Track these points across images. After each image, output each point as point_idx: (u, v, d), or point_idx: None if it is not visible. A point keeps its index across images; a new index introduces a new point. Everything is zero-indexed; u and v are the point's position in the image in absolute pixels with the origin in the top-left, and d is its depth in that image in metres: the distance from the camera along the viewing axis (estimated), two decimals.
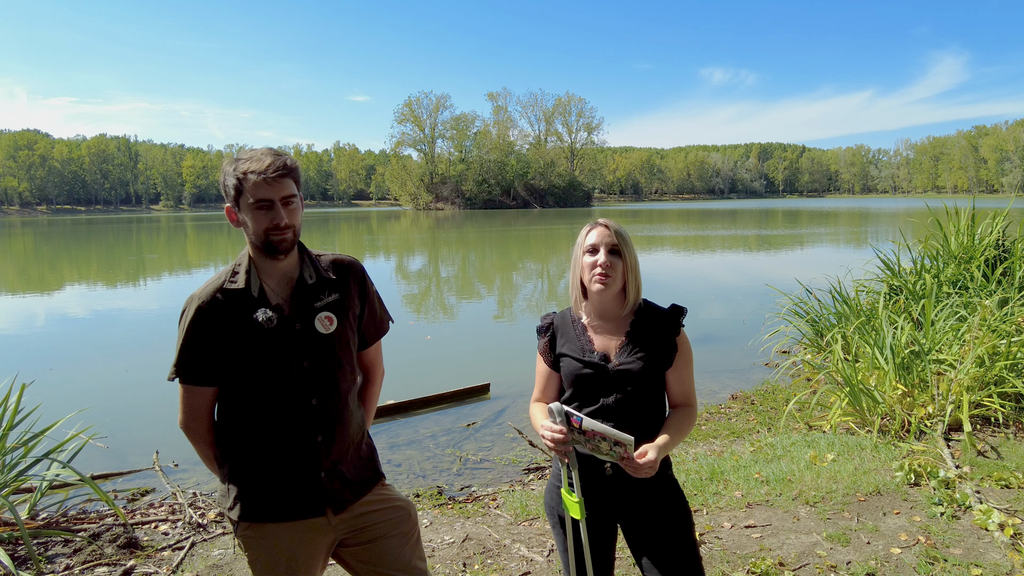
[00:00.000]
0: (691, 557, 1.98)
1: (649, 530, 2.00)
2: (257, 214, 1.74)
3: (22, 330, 11.56)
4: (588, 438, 1.84)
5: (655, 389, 2.01)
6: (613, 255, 1.97)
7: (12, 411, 4.18)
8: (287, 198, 1.75)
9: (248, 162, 1.73)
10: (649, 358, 1.96)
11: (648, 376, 1.96)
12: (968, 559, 3.24)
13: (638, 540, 2.03)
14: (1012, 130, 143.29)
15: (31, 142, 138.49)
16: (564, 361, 2.05)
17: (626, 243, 2.00)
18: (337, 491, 1.88)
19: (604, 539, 2.06)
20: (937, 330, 5.97)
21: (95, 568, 3.53)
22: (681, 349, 2.01)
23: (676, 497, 2.04)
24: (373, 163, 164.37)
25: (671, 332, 2.00)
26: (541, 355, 2.13)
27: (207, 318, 1.79)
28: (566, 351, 2.05)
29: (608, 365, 1.97)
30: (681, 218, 57.10)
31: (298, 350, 1.82)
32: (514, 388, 7.26)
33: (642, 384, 1.96)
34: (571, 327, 2.08)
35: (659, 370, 1.99)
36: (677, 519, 2.00)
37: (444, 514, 4.16)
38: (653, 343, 1.98)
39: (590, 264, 1.98)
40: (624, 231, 2.02)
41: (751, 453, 4.91)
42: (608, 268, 1.95)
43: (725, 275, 17.72)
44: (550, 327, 2.12)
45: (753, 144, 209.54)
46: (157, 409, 6.61)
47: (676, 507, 2.02)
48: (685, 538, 2.00)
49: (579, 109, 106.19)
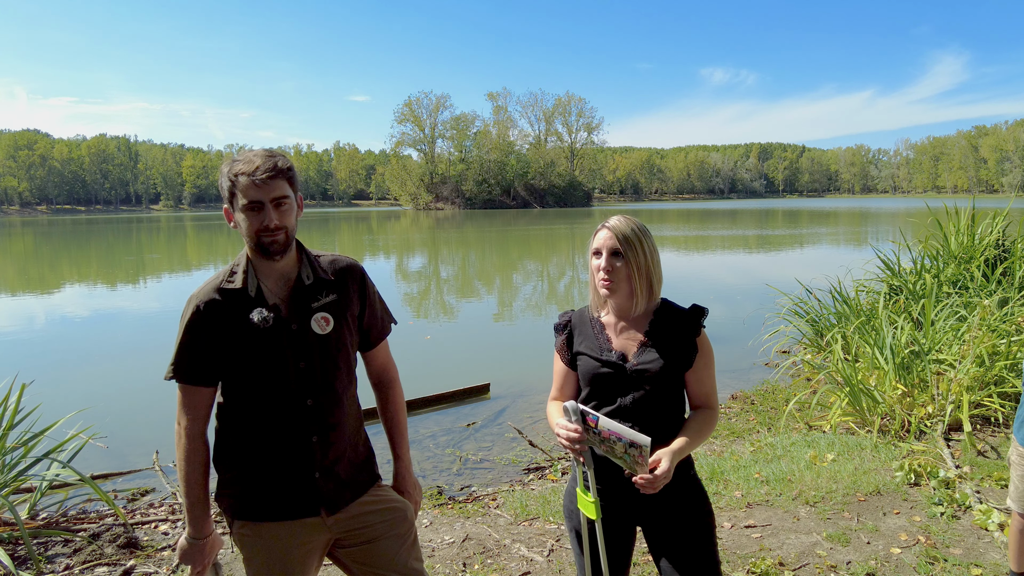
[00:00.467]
0: (710, 562, 1.95)
1: (669, 532, 1.96)
2: (248, 215, 1.75)
3: (22, 330, 11.56)
4: (603, 439, 1.82)
5: (674, 390, 1.97)
6: (615, 257, 1.93)
7: (12, 411, 4.18)
8: (278, 199, 1.75)
9: (240, 164, 1.75)
10: (668, 358, 1.92)
11: (667, 377, 1.92)
12: (968, 559, 3.24)
13: (658, 542, 1.99)
14: (1012, 130, 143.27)
15: (31, 142, 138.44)
16: (581, 360, 2.02)
17: (631, 244, 1.92)
18: (331, 491, 1.88)
19: (621, 541, 2.03)
20: (937, 330, 5.97)
21: (95, 568, 3.52)
22: (702, 350, 1.96)
23: (698, 498, 1.99)
24: (373, 163, 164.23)
25: (691, 333, 1.95)
26: (558, 353, 2.09)
27: (205, 318, 1.79)
28: (583, 349, 2.02)
29: (626, 365, 1.94)
30: (681, 218, 57.09)
31: (294, 350, 1.82)
32: (514, 388, 7.26)
33: (660, 385, 1.93)
34: (589, 325, 2.05)
35: (678, 371, 1.95)
36: (698, 522, 1.96)
37: (444, 514, 4.16)
38: (672, 343, 1.94)
39: (595, 268, 1.96)
40: (634, 231, 1.94)
41: (751, 453, 4.91)
42: (610, 272, 1.92)
43: (725, 275, 17.71)
44: (568, 325, 2.09)
45: (753, 144, 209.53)
46: (157, 409, 6.60)
47: (698, 509, 1.97)
48: (706, 541, 1.95)
49: (579, 109, 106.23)
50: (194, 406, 1.84)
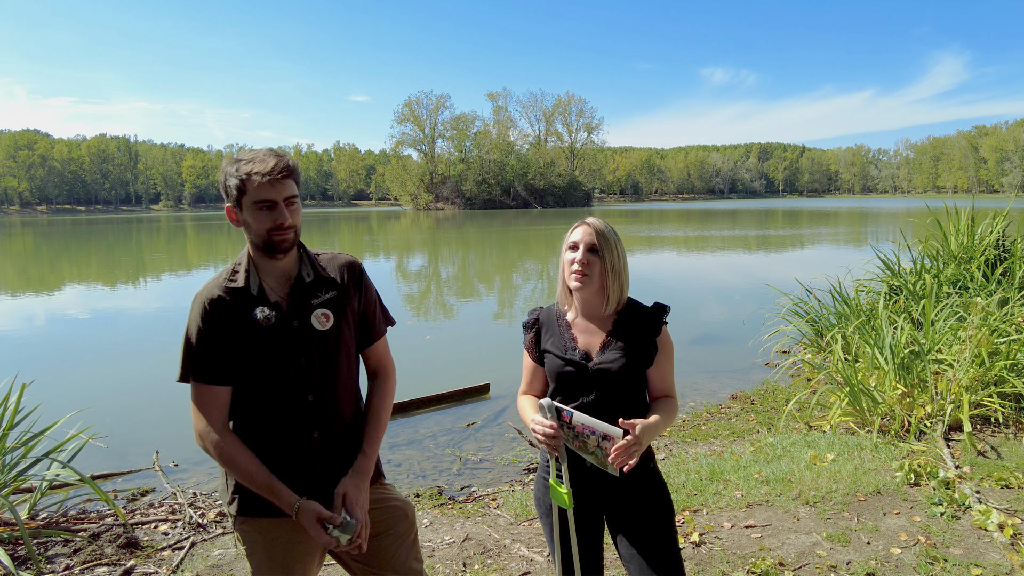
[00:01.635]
0: (670, 551, 2.00)
1: (629, 522, 2.02)
2: (260, 214, 1.76)
3: (22, 330, 11.56)
4: (577, 433, 1.89)
5: (635, 387, 2.02)
6: (592, 253, 1.98)
7: (12, 411, 4.18)
8: (289, 199, 1.79)
9: (252, 163, 1.75)
10: (629, 357, 1.97)
11: (628, 375, 1.98)
12: (968, 559, 3.24)
13: (618, 532, 2.06)
14: (1012, 130, 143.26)
15: (31, 142, 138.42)
16: (548, 357, 2.08)
17: (608, 243, 1.99)
18: (333, 488, 1.88)
19: (592, 530, 2.09)
20: (937, 330, 5.97)
21: (95, 568, 3.53)
22: (662, 348, 2.02)
23: (658, 490, 2.05)
24: (373, 163, 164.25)
25: (652, 332, 2.00)
26: (527, 350, 2.16)
27: (212, 316, 1.80)
28: (550, 347, 2.08)
29: (588, 364, 1.99)
30: (681, 218, 57.09)
31: (295, 347, 1.83)
32: (514, 388, 7.20)
33: (622, 383, 1.98)
34: (555, 323, 2.11)
35: (639, 369, 2.00)
36: (658, 512, 2.02)
37: (444, 514, 4.16)
38: (634, 342, 1.99)
39: (569, 261, 2.01)
40: (610, 231, 2.02)
41: (751, 453, 4.91)
42: (585, 266, 1.97)
43: (725, 275, 17.71)
44: (536, 323, 2.15)
45: (753, 144, 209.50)
46: (157, 409, 6.60)
47: (657, 499, 2.03)
48: (665, 531, 2.01)
49: (579, 109, 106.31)
50: (212, 406, 1.81)
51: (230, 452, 1.79)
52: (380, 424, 1.98)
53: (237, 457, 1.79)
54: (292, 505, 1.79)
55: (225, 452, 1.79)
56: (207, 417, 1.80)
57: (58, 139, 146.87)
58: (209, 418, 1.80)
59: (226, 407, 1.83)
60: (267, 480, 1.79)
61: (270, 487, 1.79)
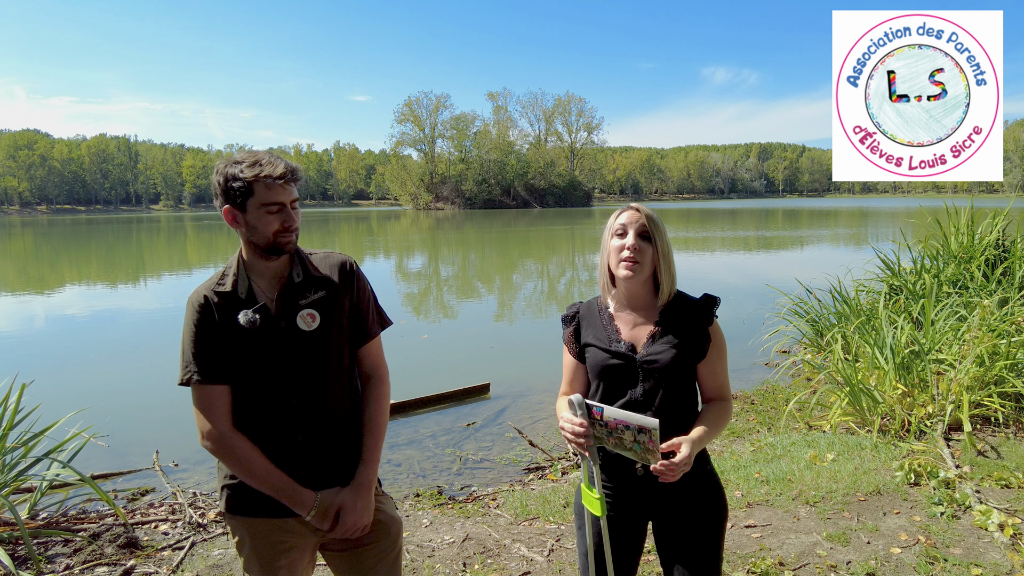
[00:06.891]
0: (714, 560, 1.91)
1: (678, 530, 1.92)
2: (268, 217, 1.78)
3: (22, 330, 11.56)
4: (611, 430, 1.77)
5: (686, 382, 1.90)
6: (643, 239, 1.86)
7: (12, 411, 4.18)
8: (294, 201, 1.83)
9: (261, 166, 1.76)
10: (680, 349, 1.85)
11: (678, 368, 1.86)
12: (968, 559, 3.24)
13: (664, 539, 1.95)
14: (1012, 130, 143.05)
15: (31, 142, 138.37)
16: (590, 351, 1.95)
17: (658, 228, 1.88)
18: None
19: (631, 539, 1.97)
20: (937, 330, 5.97)
21: (95, 568, 3.53)
22: (714, 340, 1.90)
23: (714, 493, 1.93)
24: (373, 163, 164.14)
25: (703, 322, 1.89)
26: (566, 345, 2.03)
27: (203, 319, 1.82)
28: (592, 340, 1.95)
29: (636, 355, 1.87)
30: (681, 218, 57.07)
31: (281, 349, 1.83)
32: (514, 388, 7.26)
33: (672, 376, 1.86)
34: (597, 316, 1.98)
35: (690, 362, 1.88)
36: (710, 520, 1.92)
37: (444, 514, 4.16)
38: (684, 334, 1.87)
39: (617, 248, 1.87)
40: (657, 217, 1.90)
41: (751, 453, 4.91)
42: (636, 252, 1.85)
43: (725, 275, 17.72)
44: (575, 316, 2.02)
45: (753, 144, 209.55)
46: (157, 409, 6.59)
47: (712, 505, 1.92)
48: (714, 539, 1.91)
49: (579, 109, 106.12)
50: (216, 407, 1.81)
51: (245, 453, 1.79)
52: (378, 432, 1.96)
53: (252, 458, 1.80)
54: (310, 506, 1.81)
55: (239, 453, 1.79)
56: (213, 418, 1.80)
57: (58, 139, 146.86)
58: (215, 419, 1.80)
59: (229, 406, 1.83)
60: (282, 483, 1.81)
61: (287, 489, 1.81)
